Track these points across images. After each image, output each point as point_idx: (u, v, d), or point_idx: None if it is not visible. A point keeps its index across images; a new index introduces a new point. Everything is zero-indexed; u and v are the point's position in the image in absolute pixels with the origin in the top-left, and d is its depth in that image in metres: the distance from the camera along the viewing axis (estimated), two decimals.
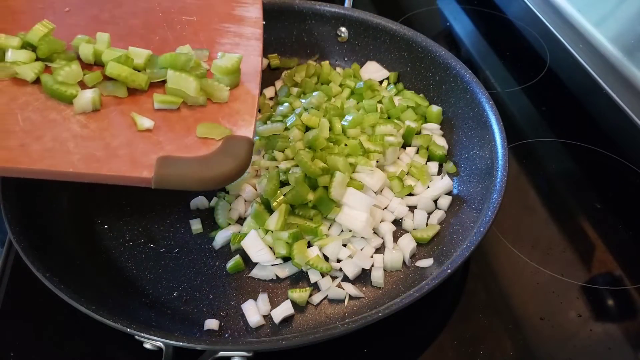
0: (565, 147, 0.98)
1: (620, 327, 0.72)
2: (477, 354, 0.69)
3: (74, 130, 0.58)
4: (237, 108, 0.65)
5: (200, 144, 0.59)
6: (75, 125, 0.58)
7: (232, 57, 0.67)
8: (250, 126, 0.63)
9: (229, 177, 0.57)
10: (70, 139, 0.57)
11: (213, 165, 0.56)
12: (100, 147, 0.57)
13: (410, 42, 0.97)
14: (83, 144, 0.56)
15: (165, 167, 0.55)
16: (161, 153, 0.57)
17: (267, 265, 0.74)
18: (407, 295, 0.62)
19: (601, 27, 1.13)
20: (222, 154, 0.58)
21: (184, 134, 0.60)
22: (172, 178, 0.55)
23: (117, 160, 0.55)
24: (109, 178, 0.55)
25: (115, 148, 0.57)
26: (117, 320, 0.60)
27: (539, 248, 0.81)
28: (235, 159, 0.57)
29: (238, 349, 0.60)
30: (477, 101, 0.85)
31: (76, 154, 0.55)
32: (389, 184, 0.83)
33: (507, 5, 1.35)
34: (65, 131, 0.57)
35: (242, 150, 0.59)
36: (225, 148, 0.59)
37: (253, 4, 0.84)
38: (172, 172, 0.55)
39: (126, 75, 0.63)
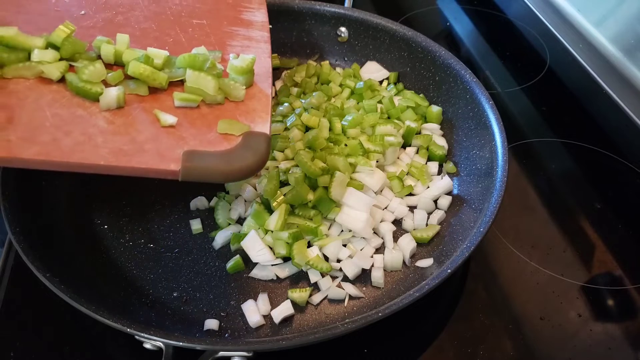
0: (565, 147, 0.98)
1: (620, 327, 0.72)
2: (477, 354, 0.69)
3: (101, 126, 0.60)
4: (253, 106, 0.67)
5: (221, 139, 0.62)
6: (102, 121, 0.61)
7: (247, 58, 0.70)
8: (266, 123, 0.65)
9: (251, 170, 0.59)
10: (98, 134, 0.59)
11: (236, 159, 0.59)
12: (127, 142, 0.59)
13: (410, 42, 0.97)
14: (111, 139, 0.59)
15: (192, 161, 0.58)
16: (186, 147, 0.59)
17: (267, 265, 0.74)
18: (407, 295, 0.62)
19: (601, 27, 1.13)
20: (244, 149, 0.61)
21: (206, 130, 0.62)
22: (199, 171, 0.57)
23: (144, 154, 0.58)
24: (139, 171, 0.57)
25: (141, 142, 0.59)
26: (117, 320, 0.60)
27: (539, 248, 0.81)
28: (255, 153, 0.60)
29: (238, 349, 0.60)
30: (477, 101, 0.85)
31: (105, 148, 0.57)
32: (389, 184, 0.83)
33: (507, 5, 1.35)
34: (92, 127, 0.59)
35: (262, 145, 0.62)
36: (245, 143, 0.61)
37: (259, 8, 0.86)
38: (199, 165, 0.58)
39: (148, 74, 0.64)
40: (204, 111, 0.65)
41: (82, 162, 0.56)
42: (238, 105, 0.67)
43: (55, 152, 0.56)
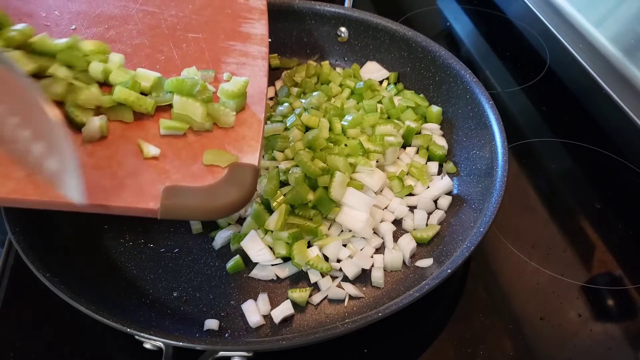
0: (565, 147, 0.98)
1: (620, 327, 0.72)
2: (477, 354, 0.69)
3: (81, 159, 0.57)
4: (243, 133, 0.64)
5: (206, 172, 0.59)
6: (82, 153, 0.58)
7: (239, 81, 0.66)
8: (255, 152, 0.62)
9: (234, 207, 0.56)
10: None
11: (218, 196, 0.56)
12: (107, 177, 0.56)
13: (410, 42, 0.97)
14: (90, 174, 0.56)
15: (171, 198, 0.55)
16: (167, 182, 0.57)
17: (267, 265, 0.74)
18: (407, 295, 0.62)
19: (601, 27, 1.13)
20: (228, 184, 0.58)
21: (191, 162, 0.60)
22: (178, 209, 0.55)
23: (124, 191, 0.55)
24: (116, 209, 0.54)
25: (122, 177, 0.56)
26: (117, 320, 0.60)
27: (539, 248, 0.81)
28: (240, 188, 0.57)
29: (238, 349, 0.60)
30: (477, 101, 0.85)
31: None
32: (389, 184, 0.83)
33: (507, 5, 1.35)
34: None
35: (248, 179, 0.58)
36: (230, 177, 0.58)
37: (259, 19, 0.84)
38: (178, 203, 0.55)
39: (133, 100, 0.62)
40: (190, 139, 0.62)
41: (57, 200, 0.52)
42: (227, 132, 0.64)
43: (29, 190, 0.52)
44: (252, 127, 0.65)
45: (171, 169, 0.58)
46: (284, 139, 0.84)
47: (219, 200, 0.56)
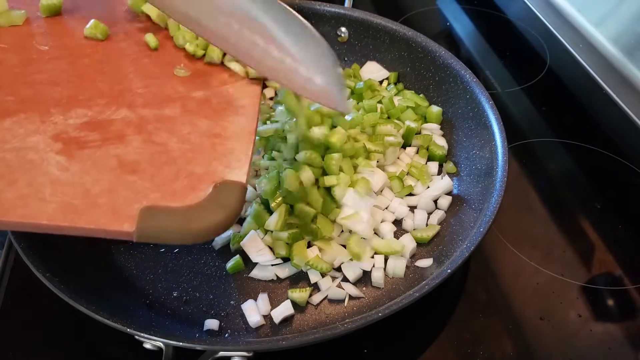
0: (565, 147, 0.98)
1: (620, 327, 0.72)
2: (477, 354, 0.69)
3: (52, 173, 0.53)
4: (232, 146, 0.61)
5: (188, 190, 0.54)
6: (54, 167, 0.53)
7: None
8: (244, 168, 0.58)
9: (215, 230, 0.52)
10: (47, 184, 0.52)
11: (200, 217, 0.52)
12: (79, 194, 0.52)
13: (410, 42, 0.97)
14: (61, 190, 0.52)
15: (148, 220, 0.51)
16: (145, 202, 0.52)
17: (267, 265, 0.74)
18: (407, 295, 0.62)
19: (601, 27, 1.13)
20: (211, 204, 0.53)
21: (172, 178, 0.55)
22: (155, 232, 0.51)
23: (96, 211, 0.51)
24: (87, 231, 0.50)
25: (95, 195, 0.52)
26: (117, 320, 0.60)
27: (539, 248, 0.81)
28: (224, 209, 0.53)
29: (238, 349, 0.60)
30: (477, 101, 0.85)
31: (52, 203, 0.50)
32: (389, 184, 0.83)
33: (507, 5, 1.35)
34: (42, 175, 0.52)
35: (233, 198, 0.54)
36: (214, 196, 0.54)
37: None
38: (156, 225, 0.51)
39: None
40: (174, 154, 0.58)
41: (22, 220, 0.49)
42: (214, 146, 0.60)
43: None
44: (242, 140, 0.62)
45: (151, 187, 0.54)
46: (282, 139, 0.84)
47: (200, 223, 0.52)
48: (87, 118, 0.60)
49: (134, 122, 0.61)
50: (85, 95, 0.62)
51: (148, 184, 0.54)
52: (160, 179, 0.55)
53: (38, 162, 0.54)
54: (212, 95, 0.68)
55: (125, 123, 0.60)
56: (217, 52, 0.72)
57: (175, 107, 0.64)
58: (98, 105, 0.61)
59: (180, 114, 0.64)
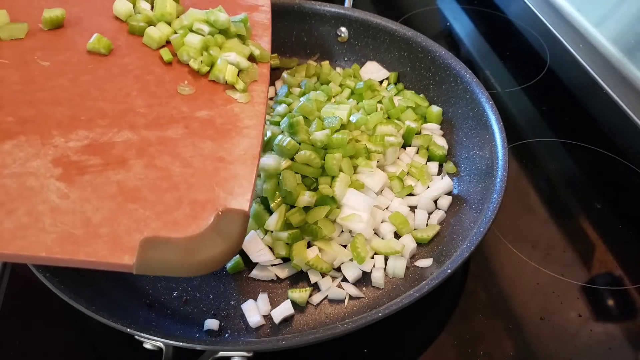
0: (565, 147, 0.98)
1: (620, 327, 0.72)
2: (477, 354, 0.69)
3: (52, 201, 0.51)
4: (235, 171, 0.58)
5: (190, 219, 0.53)
6: (54, 195, 0.52)
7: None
8: (247, 194, 0.56)
9: (217, 263, 0.51)
10: (47, 212, 0.50)
11: (201, 250, 0.51)
12: (79, 224, 0.50)
13: (410, 42, 0.97)
14: (61, 219, 0.50)
15: (149, 252, 0.49)
16: (146, 232, 0.51)
17: (267, 265, 0.74)
18: (407, 295, 0.62)
19: (601, 27, 1.13)
20: (212, 234, 0.52)
21: (174, 206, 0.53)
22: (156, 265, 0.49)
23: (96, 242, 0.49)
24: (86, 263, 0.49)
25: (96, 225, 0.50)
26: (117, 320, 0.60)
27: (539, 248, 0.81)
28: (225, 240, 0.51)
29: (238, 349, 0.60)
30: (477, 101, 0.85)
31: (52, 233, 0.49)
32: (389, 184, 0.83)
33: (507, 5, 1.35)
34: (42, 203, 0.51)
35: (235, 228, 0.52)
36: (216, 226, 0.52)
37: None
38: (156, 257, 0.49)
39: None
40: (175, 180, 0.56)
41: (20, 253, 0.47)
42: (218, 170, 0.58)
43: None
44: (246, 164, 0.59)
45: (152, 215, 0.52)
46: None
47: (202, 255, 0.50)
48: (88, 140, 0.58)
49: (135, 145, 0.59)
50: (86, 115, 0.61)
51: (149, 212, 0.52)
52: (161, 206, 0.53)
53: (38, 189, 0.52)
54: (216, 115, 0.66)
55: (127, 146, 0.58)
56: (223, 70, 0.70)
57: (178, 128, 0.62)
58: (99, 127, 0.60)
59: (183, 135, 0.61)
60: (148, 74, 0.69)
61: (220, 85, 0.70)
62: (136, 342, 0.62)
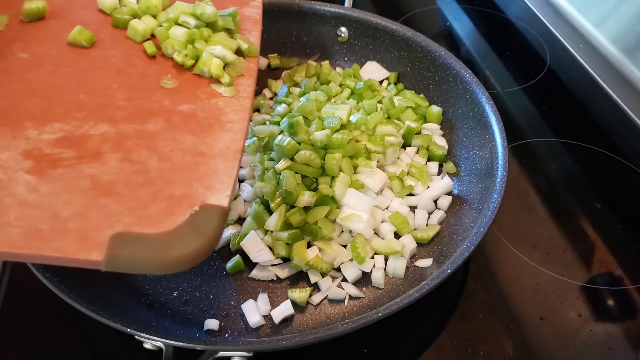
0: (565, 147, 0.98)
1: (620, 327, 0.72)
2: (477, 354, 0.69)
3: (20, 194, 0.49)
4: (216, 166, 0.56)
5: (165, 214, 0.50)
6: (22, 188, 0.50)
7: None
8: (227, 190, 0.54)
9: (191, 259, 0.49)
10: (13, 206, 0.48)
11: (175, 246, 0.48)
12: (47, 218, 0.48)
13: (410, 42, 0.97)
14: (27, 214, 0.48)
15: (119, 248, 0.47)
16: (117, 227, 0.49)
17: (267, 265, 0.74)
18: (407, 295, 0.62)
19: (601, 27, 1.13)
20: (187, 230, 0.50)
21: (149, 201, 0.51)
22: (126, 261, 0.47)
23: (64, 237, 0.47)
24: (53, 259, 0.47)
25: (65, 220, 0.48)
26: (117, 320, 0.60)
27: (539, 248, 0.81)
28: (201, 236, 0.49)
29: (238, 349, 0.60)
30: (477, 101, 0.85)
31: (17, 227, 0.47)
32: (389, 184, 0.83)
33: (507, 5, 1.35)
34: (8, 196, 0.49)
35: (212, 224, 0.50)
36: (192, 222, 0.50)
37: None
38: (127, 254, 0.47)
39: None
40: (152, 174, 0.54)
41: None
42: (197, 165, 0.56)
43: None
44: (227, 159, 0.57)
45: (124, 210, 0.50)
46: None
47: (174, 252, 0.48)
48: (63, 133, 0.56)
49: (112, 138, 0.57)
50: (63, 107, 0.59)
51: (122, 207, 0.51)
52: (135, 201, 0.51)
53: (5, 182, 0.50)
54: (199, 109, 0.64)
55: (103, 139, 0.57)
56: (208, 63, 0.68)
57: (158, 122, 0.60)
58: (76, 119, 0.58)
59: (163, 129, 0.60)
60: (130, 67, 0.67)
61: (206, 79, 0.69)
62: (136, 342, 0.62)
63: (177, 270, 0.49)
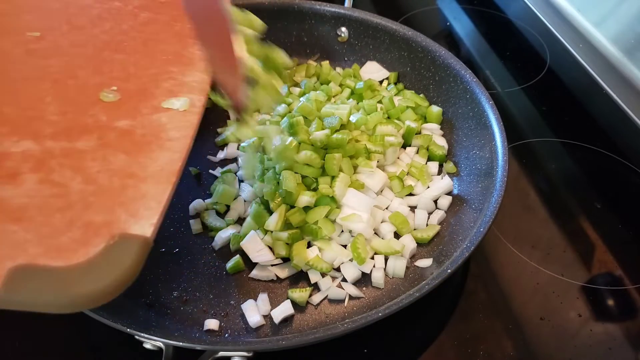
0: (565, 147, 0.98)
1: (620, 327, 0.72)
2: (477, 354, 0.69)
3: None
4: (145, 190, 0.51)
5: (77, 244, 0.45)
6: None
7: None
8: (153, 217, 0.49)
9: (101, 296, 0.44)
10: None
11: (82, 281, 0.43)
12: None
13: (410, 42, 0.97)
14: None
15: (17, 283, 0.42)
16: (20, 258, 0.43)
17: (267, 265, 0.74)
18: (407, 295, 0.62)
19: (601, 27, 1.13)
20: (100, 263, 0.44)
21: (62, 229, 0.46)
22: (24, 298, 0.43)
23: None
24: None
25: None
26: (117, 320, 0.60)
27: (539, 248, 0.81)
28: (114, 270, 0.44)
29: (238, 349, 0.60)
30: (477, 101, 0.85)
31: None
32: (389, 184, 0.83)
33: (507, 5, 1.35)
34: None
35: (129, 257, 0.45)
36: (106, 253, 0.45)
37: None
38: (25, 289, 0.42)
39: None
40: (73, 197, 0.49)
41: None
42: (125, 189, 0.50)
43: None
44: (160, 182, 0.52)
45: (33, 239, 0.45)
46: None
47: (81, 288, 0.43)
48: None
49: (35, 157, 0.51)
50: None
51: (31, 236, 0.45)
52: (48, 229, 0.46)
53: None
54: (138, 126, 0.58)
55: (25, 157, 0.51)
56: None
57: (90, 140, 0.55)
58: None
59: (95, 147, 0.54)
60: (70, 78, 0.61)
61: (154, 91, 0.63)
62: (136, 342, 0.62)
63: (82, 308, 0.44)
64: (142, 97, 0.61)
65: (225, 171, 0.86)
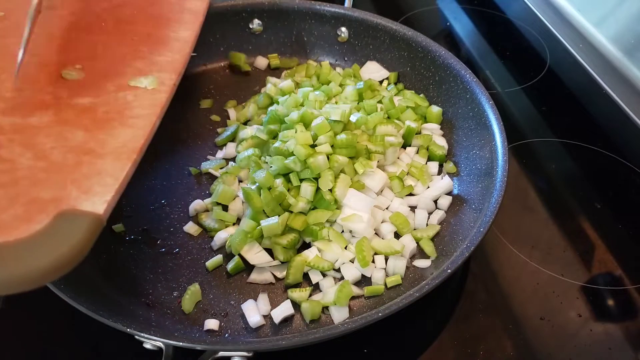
0: (565, 147, 0.98)
1: (620, 327, 0.72)
2: (477, 354, 0.69)
3: None
4: (102, 167, 0.49)
5: (19, 221, 0.43)
6: None
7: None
8: (107, 194, 0.47)
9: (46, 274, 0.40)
10: None
11: (22, 258, 0.40)
12: None
13: (410, 42, 0.97)
14: None
15: None
16: None
17: (266, 267, 0.74)
18: (407, 295, 0.62)
19: (601, 27, 1.13)
20: (44, 239, 0.42)
21: (5, 205, 0.44)
22: None
23: None
24: None
25: None
26: (117, 320, 0.60)
27: (539, 248, 0.81)
28: (60, 246, 0.41)
29: (238, 349, 0.60)
30: (477, 101, 0.85)
31: None
32: (389, 184, 0.83)
33: (507, 5, 1.35)
34: None
35: (77, 233, 0.43)
36: (51, 230, 0.42)
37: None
38: None
39: None
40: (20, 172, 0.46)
41: None
42: (80, 165, 0.48)
43: None
44: (119, 159, 0.50)
45: None
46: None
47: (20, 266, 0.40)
48: None
49: None
50: None
51: None
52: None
53: None
54: (101, 103, 0.57)
55: None
56: None
57: (45, 116, 0.53)
58: None
59: (49, 123, 0.53)
60: (31, 55, 0.59)
61: (124, 70, 0.61)
62: (136, 342, 0.62)
63: (27, 289, 0.40)
64: (108, 75, 0.60)
65: (225, 172, 0.86)
